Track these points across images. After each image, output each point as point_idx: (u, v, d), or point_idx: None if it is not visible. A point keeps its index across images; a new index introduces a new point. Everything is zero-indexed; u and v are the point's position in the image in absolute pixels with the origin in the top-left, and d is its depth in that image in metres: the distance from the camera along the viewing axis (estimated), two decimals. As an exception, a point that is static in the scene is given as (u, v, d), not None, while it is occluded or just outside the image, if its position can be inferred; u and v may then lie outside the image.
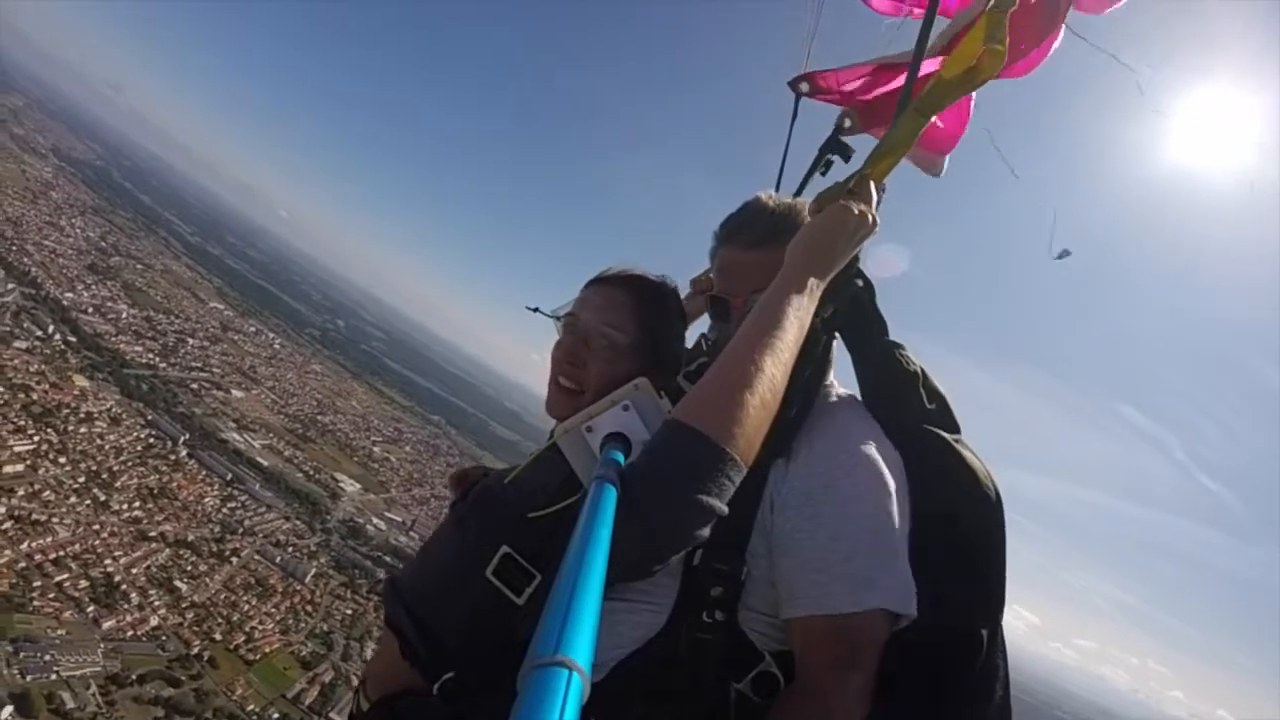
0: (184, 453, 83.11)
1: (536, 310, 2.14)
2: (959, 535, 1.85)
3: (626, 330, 1.97)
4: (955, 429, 2.07)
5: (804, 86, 2.75)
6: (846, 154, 2.73)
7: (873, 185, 1.86)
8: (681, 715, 1.73)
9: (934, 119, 2.02)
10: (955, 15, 2.58)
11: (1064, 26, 2.54)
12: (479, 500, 1.93)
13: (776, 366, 1.46)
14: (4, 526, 57.71)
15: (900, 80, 2.45)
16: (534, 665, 0.62)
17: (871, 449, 1.85)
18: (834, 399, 2.03)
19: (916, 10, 2.81)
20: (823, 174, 2.77)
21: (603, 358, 1.95)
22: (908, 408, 2.05)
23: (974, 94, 2.53)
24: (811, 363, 1.84)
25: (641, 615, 1.71)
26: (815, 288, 1.66)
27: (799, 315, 1.57)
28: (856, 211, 1.75)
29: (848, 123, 2.76)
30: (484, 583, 1.60)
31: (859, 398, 2.13)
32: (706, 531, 1.37)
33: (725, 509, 1.36)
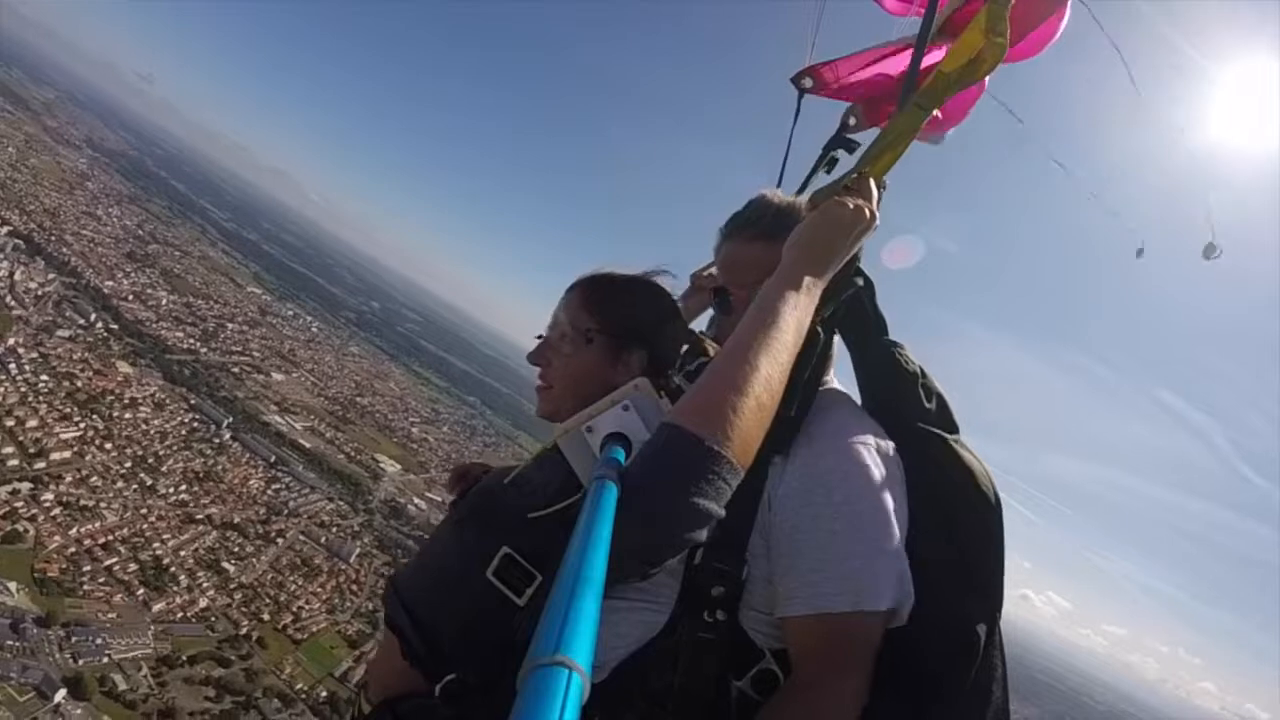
0: (227, 436, 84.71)
1: (540, 337, 2.17)
2: (957, 535, 1.87)
3: (577, 323, 2.02)
4: (953, 429, 2.07)
5: (806, 82, 2.74)
6: (851, 147, 2.68)
7: (872, 182, 1.85)
8: (682, 714, 1.71)
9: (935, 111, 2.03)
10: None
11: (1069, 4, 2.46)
12: (479, 500, 1.93)
13: (774, 367, 1.45)
14: (54, 513, 59.10)
15: (904, 64, 2.43)
16: (534, 665, 0.62)
17: (871, 449, 1.85)
18: (833, 398, 2.02)
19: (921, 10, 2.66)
20: (827, 171, 2.71)
21: (562, 352, 2.02)
22: (907, 407, 2.06)
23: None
24: (811, 363, 1.83)
25: (642, 614, 1.72)
26: (813, 286, 1.65)
27: (797, 314, 1.56)
28: (854, 208, 1.75)
29: (853, 120, 2.72)
30: (484, 583, 1.61)
31: (858, 397, 2.15)
32: (703, 535, 1.37)
33: (722, 512, 1.36)
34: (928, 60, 2.15)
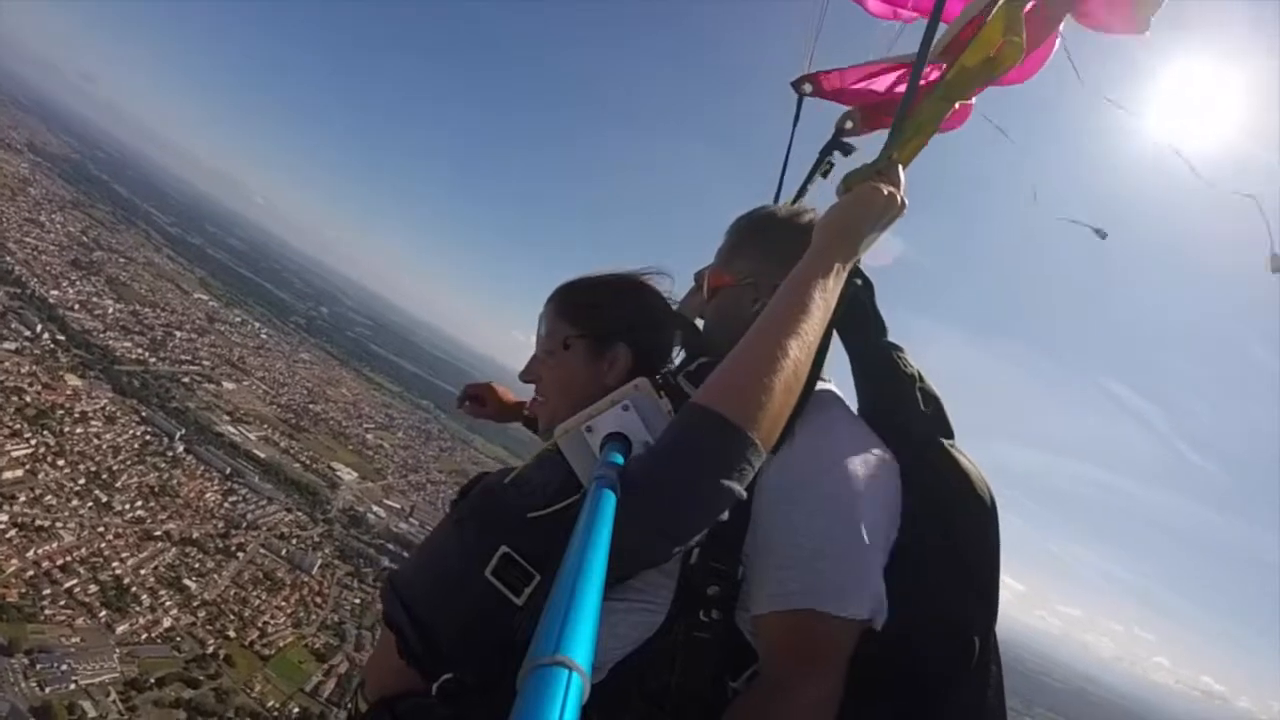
0: (181, 449, 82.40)
1: None
2: (953, 541, 1.86)
3: (556, 332, 2.05)
4: (949, 433, 2.05)
5: (806, 87, 2.79)
6: (848, 151, 2.72)
7: (900, 169, 1.86)
8: (680, 714, 1.70)
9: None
10: (955, 18, 2.52)
11: (1060, 36, 2.51)
12: (479, 499, 1.91)
13: (801, 349, 1.45)
14: (8, 535, 56.93)
15: (905, 82, 2.52)
16: (534, 665, 0.62)
17: (858, 452, 1.82)
18: (828, 399, 1.98)
19: (906, 14, 2.82)
20: (824, 176, 2.75)
21: (548, 364, 2.06)
22: (903, 410, 2.04)
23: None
24: None
25: (639, 615, 1.70)
26: (842, 269, 1.66)
27: (825, 297, 1.56)
28: (886, 192, 1.76)
29: (849, 124, 2.72)
30: (483, 583, 1.60)
31: (854, 399, 2.13)
32: (726, 514, 1.40)
33: (744, 493, 1.37)
34: (927, 78, 2.20)
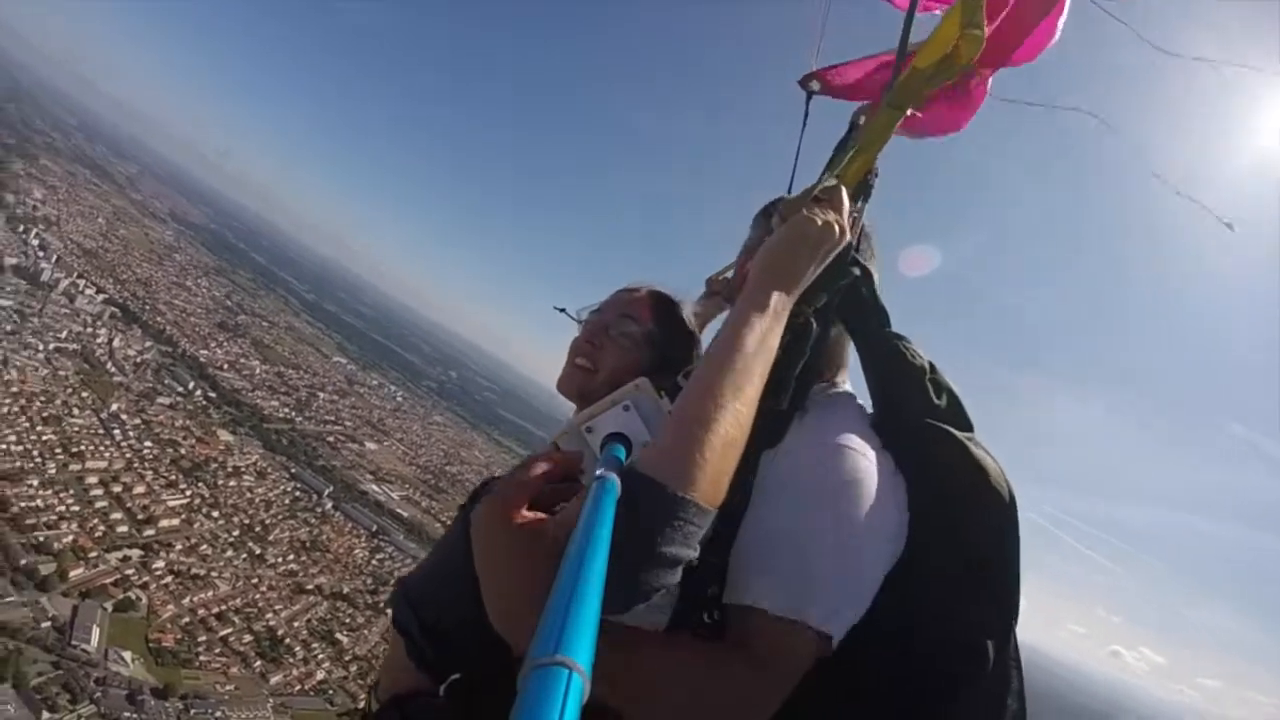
0: (329, 505, 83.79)
1: (563, 311, 2.16)
2: (966, 539, 1.75)
3: (644, 324, 2.06)
4: (967, 426, 1.91)
5: (814, 85, 2.67)
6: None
7: (845, 192, 1.78)
8: None
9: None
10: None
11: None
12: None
13: (739, 400, 1.40)
14: (165, 581, 57.63)
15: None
16: (534, 665, 0.62)
17: (851, 450, 1.69)
18: (834, 399, 1.92)
19: (934, 4, 2.51)
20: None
21: (620, 344, 2.03)
22: (915, 403, 1.89)
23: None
24: (804, 355, 1.74)
25: (643, 616, 1.60)
26: (781, 305, 1.58)
27: (764, 338, 1.50)
28: (820, 223, 1.67)
29: (863, 119, 2.39)
30: None
31: (862, 394, 2.04)
32: (676, 578, 1.32)
33: (692, 554, 1.31)
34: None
